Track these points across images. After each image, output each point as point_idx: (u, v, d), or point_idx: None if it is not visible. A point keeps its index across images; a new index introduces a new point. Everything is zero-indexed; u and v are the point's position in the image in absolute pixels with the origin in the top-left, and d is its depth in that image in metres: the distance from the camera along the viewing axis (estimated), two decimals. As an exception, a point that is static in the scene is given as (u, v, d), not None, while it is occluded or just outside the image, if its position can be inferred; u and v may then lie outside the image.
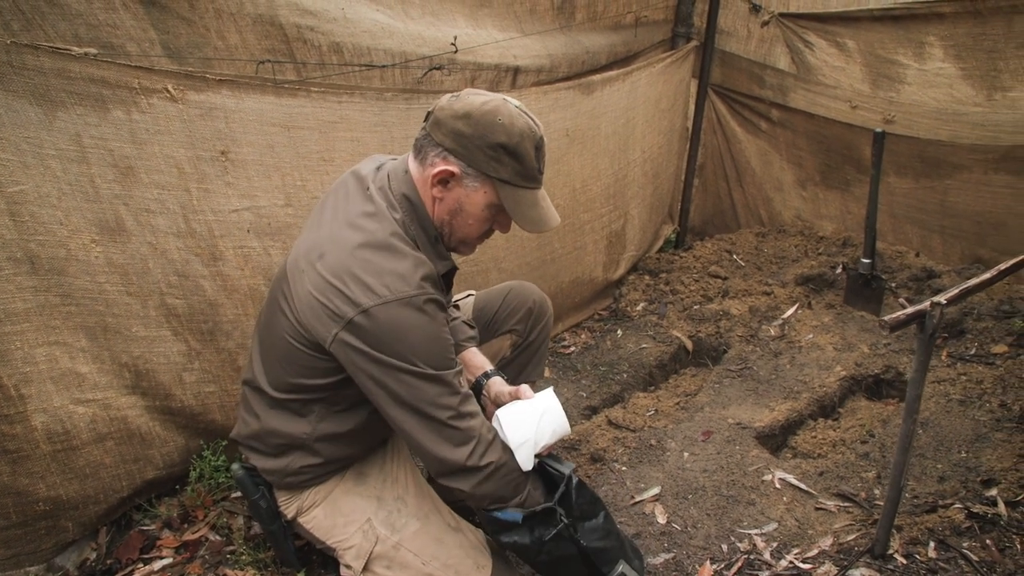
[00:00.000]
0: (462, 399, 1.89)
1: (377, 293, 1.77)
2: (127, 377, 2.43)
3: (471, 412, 1.92)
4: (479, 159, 1.83)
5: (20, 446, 2.22)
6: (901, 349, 3.60)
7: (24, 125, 2.08)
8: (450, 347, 1.89)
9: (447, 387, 1.86)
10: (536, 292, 2.61)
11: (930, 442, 2.95)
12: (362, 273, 1.79)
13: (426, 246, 1.94)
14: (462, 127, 1.81)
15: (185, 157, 2.40)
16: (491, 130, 1.80)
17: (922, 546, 2.42)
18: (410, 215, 1.92)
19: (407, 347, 1.80)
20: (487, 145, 1.81)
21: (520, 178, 1.86)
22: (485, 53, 3.32)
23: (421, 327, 1.81)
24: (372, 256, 1.82)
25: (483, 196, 1.88)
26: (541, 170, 1.90)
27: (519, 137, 1.81)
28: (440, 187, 1.89)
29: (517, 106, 1.86)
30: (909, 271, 4.18)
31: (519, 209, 1.89)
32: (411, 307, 1.79)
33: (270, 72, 2.62)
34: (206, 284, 2.53)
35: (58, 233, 2.20)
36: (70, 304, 2.27)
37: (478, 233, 1.98)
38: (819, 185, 4.74)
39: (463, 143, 1.82)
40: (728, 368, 3.66)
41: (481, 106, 1.82)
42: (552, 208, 1.96)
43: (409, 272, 1.81)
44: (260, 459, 2.16)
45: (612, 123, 4.00)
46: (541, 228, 1.93)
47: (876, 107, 4.21)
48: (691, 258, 4.72)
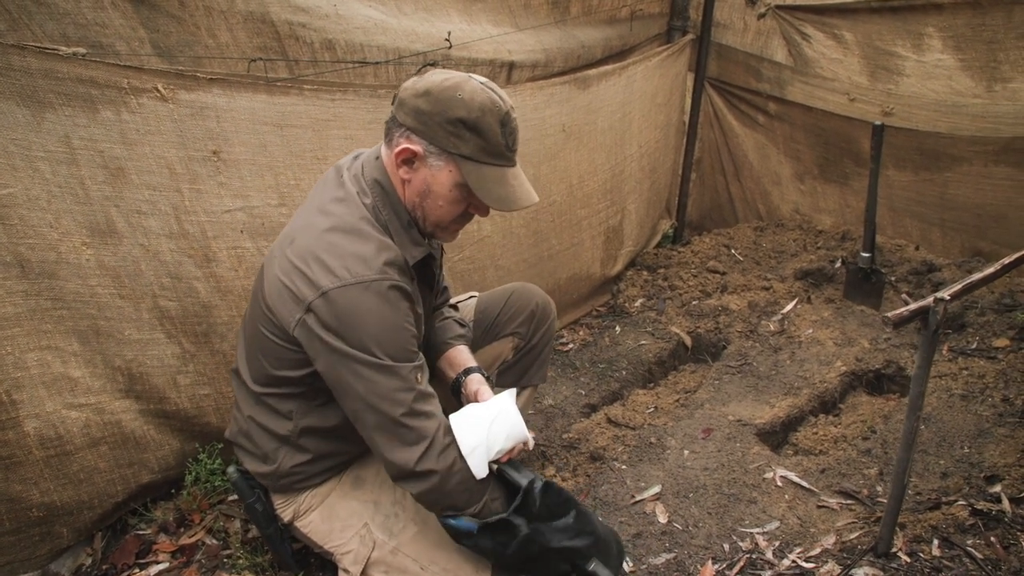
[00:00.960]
0: (417, 396, 1.84)
1: (337, 275, 1.77)
2: (120, 381, 2.41)
3: (426, 412, 1.86)
4: (439, 136, 1.79)
5: (12, 452, 2.19)
6: (902, 344, 3.58)
7: (11, 127, 2.05)
8: (411, 339, 1.86)
9: (402, 381, 1.82)
10: (539, 295, 2.58)
11: (932, 438, 2.93)
12: (325, 256, 1.79)
13: (399, 232, 1.92)
14: (422, 104, 1.79)
15: (176, 157, 2.37)
16: (450, 105, 1.77)
17: (926, 544, 2.40)
18: (382, 200, 1.91)
19: (364, 333, 1.77)
20: (446, 121, 1.77)
21: (484, 154, 1.81)
22: (479, 48, 3.29)
23: (379, 313, 1.78)
24: (337, 239, 1.82)
25: (448, 175, 1.84)
26: (509, 146, 1.85)
27: (479, 111, 1.77)
28: (406, 168, 1.86)
29: (482, 82, 1.83)
30: (909, 265, 4.15)
31: (484, 186, 1.84)
32: (370, 291, 1.77)
33: (262, 70, 2.59)
34: (199, 286, 2.50)
35: (48, 236, 2.17)
36: (61, 308, 2.24)
37: (451, 216, 1.93)
38: (817, 178, 4.72)
39: (423, 120, 1.79)
40: (728, 364, 3.64)
41: (441, 83, 1.79)
42: (526, 186, 1.90)
43: (371, 255, 1.80)
44: (251, 462, 2.14)
45: (608, 118, 3.97)
46: (510, 206, 1.87)
47: (875, 99, 4.19)
48: (689, 253, 4.70)
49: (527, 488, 1.98)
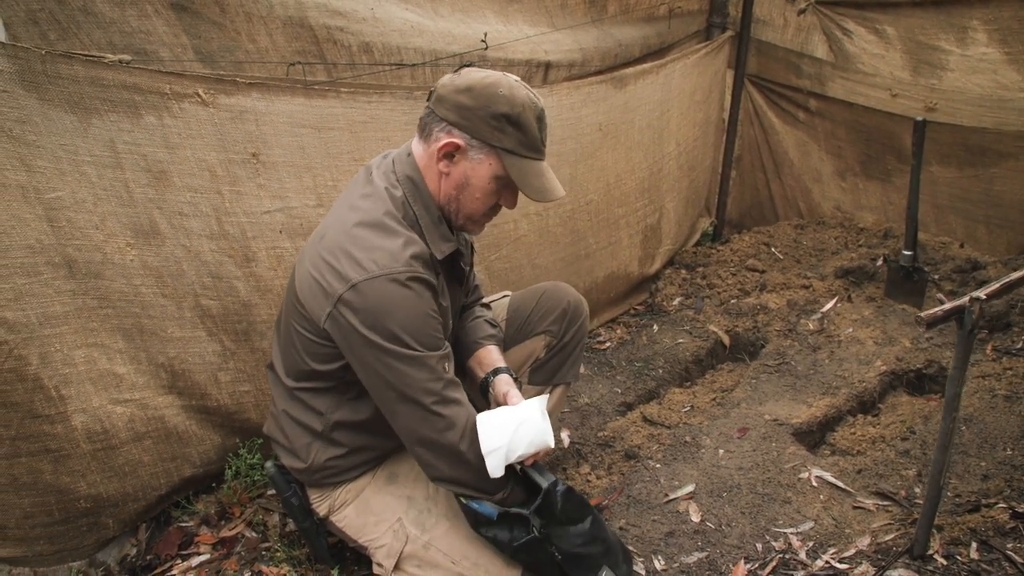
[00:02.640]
0: (446, 384, 1.91)
1: (366, 268, 1.82)
2: (163, 377, 2.48)
3: (455, 399, 1.93)
4: (483, 130, 1.86)
5: (61, 445, 2.27)
6: (944, 343, 3.52)
7: (60, 133, 2.13)
8: (437, 327, 1.92)
9: (430, 371, 1.88)
10: (571, 293, 2.59)
11: (973, 439, 2.88)
12: (353, 249, 1.86)
13: (429, 227, 1.98)
14: (465, 100, 1.85)
15: (217, 160, 2.43)
16: (493, 101, 1.83)
17: (963, 547, 2.37)
18: (413, 195, 1.97)
19: (393, 323, 1.82)
20: (490, 115, 1.84)
21: (524, 148, 1.89)
22: (516, 49, 3.31)
23: (407, 303, 1.84)
24: (364, 233, 1.88)
25: (489, 168, 1.91)
26: (543, 141, 1.94)
27: (520, 107, 1.85)
28: (446, 161, 1.92)
29: (517, 80, 1.91)
30: (953, 263, 4.09)
31: (525, 179, 1.91)
32: (397, 283, 1.83)
33: (300, 73, 2.64)
34: (240, 285, 2.57)
35: (94, 237, 2.24)
36: (107, 307, 2.31)
37: (484, 208, 2.00)
38: (859, 175, 4.66)
39: (466, 115, 1.86)
40: (765, 363, 3.62)
41: (482, 79, 1.87)
42: (555, 180, 1.98)
43: (398, 249, 1.85)
44: (286, 456, 2.20)
45: (646, 116, 3.97)
46: (547, 197, 1.94)
47: (917, 95, 4.12)
48: (728, 251, 4.67)
49: (548, 490, 2.02)
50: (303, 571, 2.41)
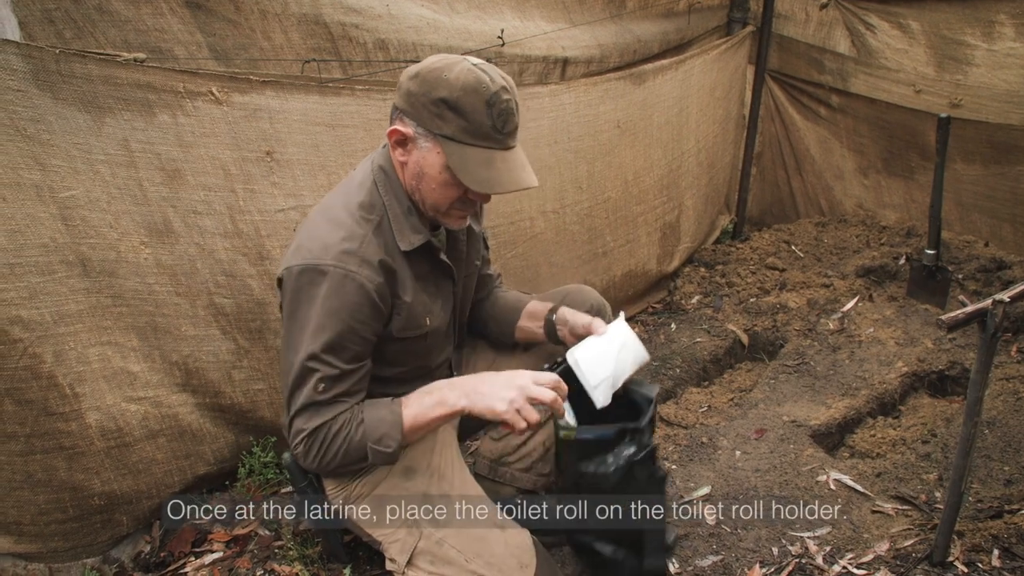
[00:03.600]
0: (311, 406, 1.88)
1: (300, 253, 1.84)
2: (177, 375, 2.49)
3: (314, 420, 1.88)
4: (424, 116, 1.79)
5: (76, 443, 2.28)
6: (968, 344, 3.47)
7: (74, 132, 2.13)
8: (349, 336, 1.86)
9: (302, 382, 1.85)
10: (595, 297, 2.56)
11: (996, 443, 2.84)
12: (302, 233, 1.90)
13: (398, 217, 1.94)
14: (412, 86, 1.79)
15: (231, 158, 2.43)
16: (435, 86, 1.75)
17: (985, 554, 2.33)
18: (384, 186, 1.94)
19: (302, 310, 1.83)
20: (430, 101, 1.77)
21: (467, 135, 1.78)
22: (533, 45, 3.29)
23: (319, 294, 1.82)
24: (316, 219, 1.91)
25: (436, 157, 1.83)
26: (498, 127, 1.79)
27: (461, 91, 1.74)
28: (401, 150, 1.88)
29: (474, 63, 1.79)
30: (977, 262, 4.02)
31: (465, 167, 1.80)
32: (318, 272, 1.82)
33: (315, 71, 2.64)
34: (253, 283, 2.57)
35: (108, 236, 2.25)
36: (121, 305, 2.32)
37: (446, 200, 1.91)
38: (881, 173, 4.60)
39: (412, 101, 1.80)
40: (784, 363, 3.58)
41: (432, 63, 1.79)
42: (517, 170, 1.85)
43: (334, 242, 1.84)
44: None
45: (665, 113, 3.93)
46: (493, 189, 1.84)
47: (942, 91, 4.06)
48: (748, 249, 4.62)
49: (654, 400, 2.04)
50: (316, 570, 2.41)
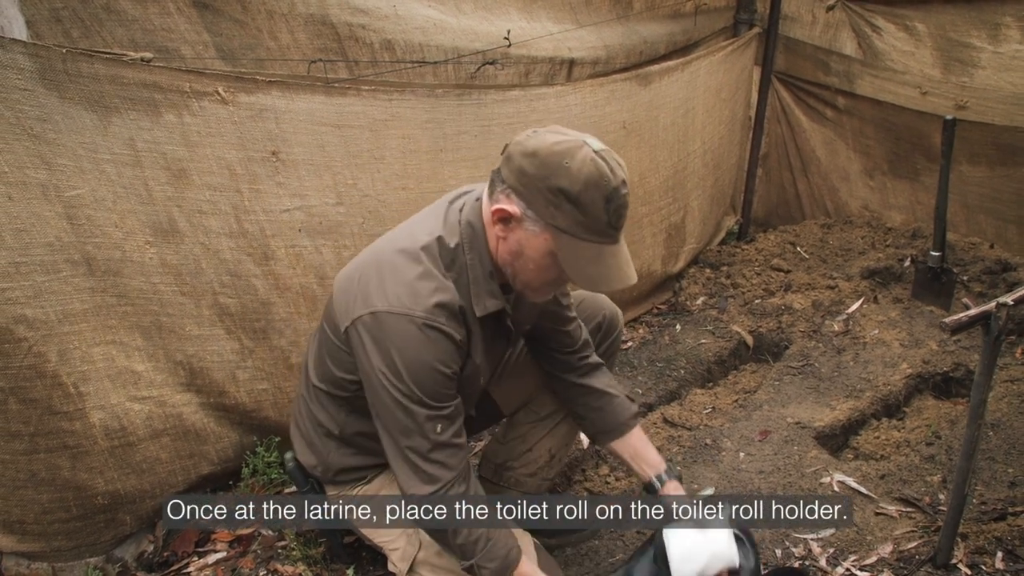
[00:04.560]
0: (434, 446, 1.85)
1: (388, 301, 1.78)
2: (182, 375, 2.49)
3: (440, 461, 1.86)
4: (538, 202, 1.70)
5: (80, 442, 2.28)
6: (972, 346, 3.46)
7: (80, 131, 2.13)
8: (442, 382, 1.84)
9: (415, 424, 1.83)
10: (608, 304, 2.55)
11: (1001, 445, 2.83)
12: (387, 275, 1.81)
13: (478, 279, 1.88)
14: (527, 165, 1.69)
15: (236, 158, 2.43)
16: (555, 172, 1.65)
17: (989, 556, 2.33)
18: (471, 242, 1.87)
19: (399, 359, 1.78)
20: (548, 188, 1.67)
21: (582, 229, 1.69)
22: (539, 46, 3.29)
23: (415, 347, 1.78)
24: (403, 263, 1.82)
25: (543, 242, 1.74)
26: (612, 223, 1.71)
27: (583, 185, 1.64)
28: (502, 225, 1.79)
29: (596, 150, 1.68)
30: (982, 264, 4.01)
31: (575, 263, 1.75)
32: (414, 325, 1.77)
33: (322, 71, 2.64)
34: (258, 283, 2.57)
35: (113, 235, 2.25)
36: (126, 304, 2.32)
37: (541, 281, 1.85)
38: (887, 174, 4.59)
39: (525, 182, 1.70)
40: (789, 365, 3.58)
41: (552, 145, 1.68)
42: (624, 267, 1.78)
43: (425, 294, 1.79)
44: (305, 454, 2.18)
45: (671, 114, 3.92)
46: (599, 287, 1.81)
47: (947, 93, 4.05)
48: (753, 251, 4.62)
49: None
50: (319, 570, 2.41)
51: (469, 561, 1.91)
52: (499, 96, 3.04)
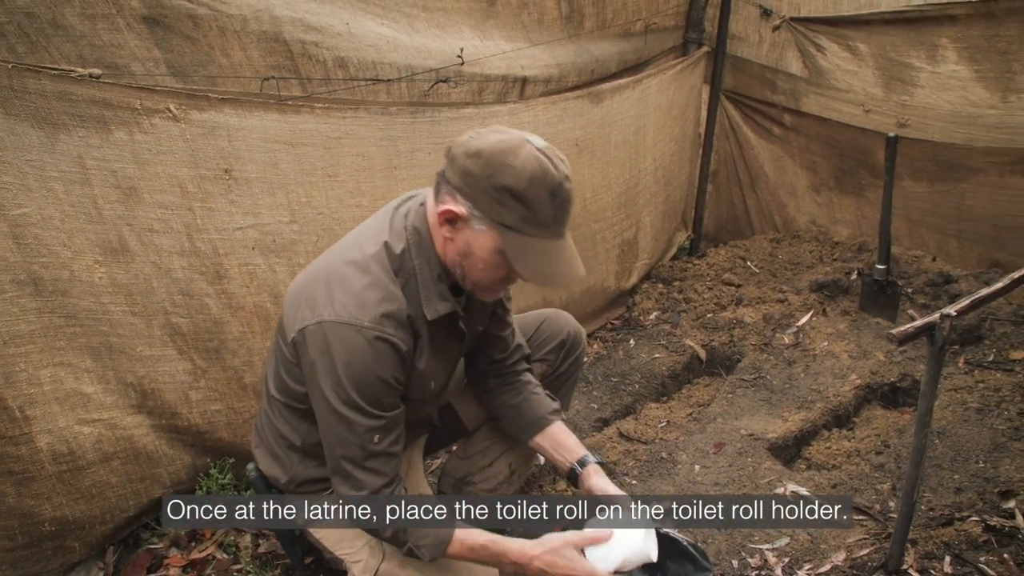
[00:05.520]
0: (368, 455, 1.86)
1: (335, 311, 1.79)
2: (133, 396, 2.44)
3: (373, 468, 1.88)
4: (484, 202, 1.72)
5: (25, 467, 2.22)
6: (918, 356, 3.54)
7: (26, 148, 2.09)
8: (385, 392, 1.85)
9: (354, 435, 1.83)
10: (572, 323, 2.56)
11: (947, 452, 2.90)
12: (334, 286, 1.82)
13: (426, 283, 1.89)
14: (471, 166, 1.71)
15: (188, 176, 2.40)
16: (499, 171, 1.68)
17: (938, 560, 2.38)
18: (417, 247, 1.88)
19: (342, 369, 1.79)
20: (493, 187, 1.69)
21: (528, 225, 1.73)
22: (492, 64, 3.31)
23: (359, 357, 1.79)
24: (351, 274, 1.83)
25: (491, 241, 1.76)
26: (558, 218, 1.76)
27: (527, 181, 1.68)
28: (449, 227, 1.81)
29: (539, 148, 1.73)
30: (926, 276, 4.11)
31: (524, 259, 1.76)
32: (360, 336, 1.78)
33: (275, 88, 2.62)
34: (211, 302, 2.53)
35: (62, 255, 2.21)
36: (74, 325, 2.27)
37: (491, 280, 1.86)
38: (833, 190, 4.69)
39: (470, 182, 1.72)
40: (742, 377, 3.62)
41: (495, 144, 1.71)
42: (571, 261, 1.83)
43: (372, 302, 1.79)
44: (268, 465, 2.15)
45: (623, 131, 3.97)
46: (549, 282, 1.85)
47: (889, 111, 4.16)
48: (705, 265, 4.68)
49: None
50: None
51: (404, 546, 1.92)
52: (453, 114, 3.06)
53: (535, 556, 1.92)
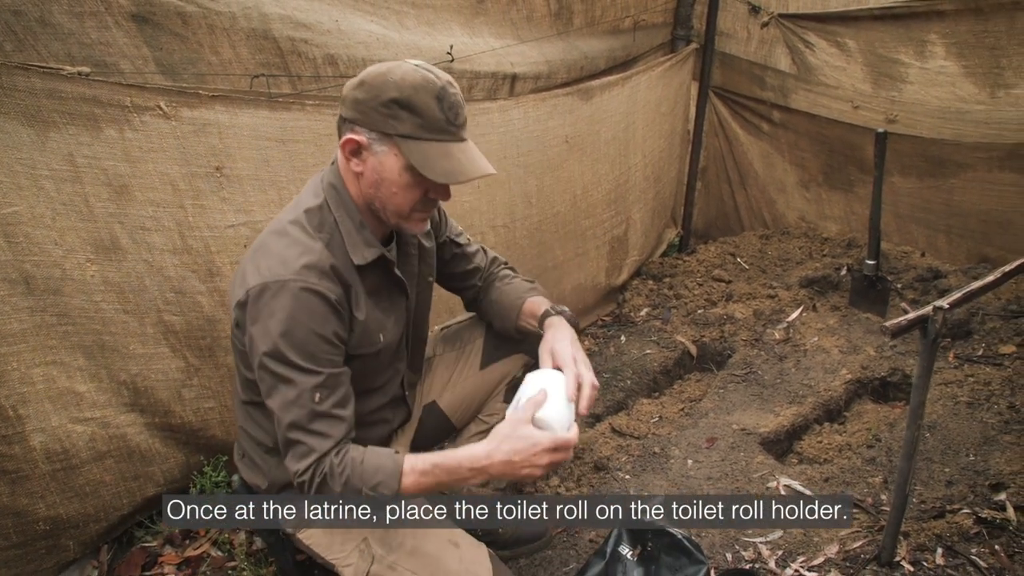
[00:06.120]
0: (311, 415, 1.83)
1: (260, 274, 1.81)
2: (126, 395, 2.43)
3: (318, 431, 1.84)
4: (376, 120, 1.79)
5: (19, 466, 2.22)
6: (908, 351, 3.56)
7: (16, 147, 2.08)
8: (321, 346, 1.84)
9: (297, 394, 1.81)
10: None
11: (937, 445, 2.91)
12: (258, 256, 1.86)
13: (350, 232, 1.93)
14: (359, 94, 1.80)
15: (179, 174, 2.40)
16: (383, 88, 1.77)
17: (930, 553, 2.39)
18: (335, 201, 1.93)
19: (274, 329, 1.79)
20: (381, 104, 1.77)
21: (423, 131, 1.79)
22: (482, 61, 3.31)
23: (289, 312, 1.79)
24: (270, 240, 1.88)
25: (394, 159, 1.83)
26: (451, 120, 1.81)
27: (411, 89, 1.76)
28: (355, 160, 1.87)
29: (416, 64, 1.82)
30: (915, 271, 4.14)
31: (427, 162, 1.81)
32: (285, 291, 1.79)
33: (264, 86, 2.62)
34: (203, 300, 2.53)
35: (53, 253, 2.20)
36: (67, 324, 2.27)
37: (410, 203, 1.90)
38: (822, 186, 4.71)
39: (361, 109, 1.80)
40: (733, 373, 3.64)
41: (375, 70, 1.82)
42: (476, 159, 1.87)
43: (292, 257, 1.82)
44: (249, 473, 2.15)
45: (612, 128, 3.98)
46: (457, 178, 1.84)
47: (878, 107, 4.19)
48: (695, 262, 4.69)
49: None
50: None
51: (361, 495, 1.86)
52: (443, 111, 3.05)
53: (492, 451, 1.86)
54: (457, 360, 2.50)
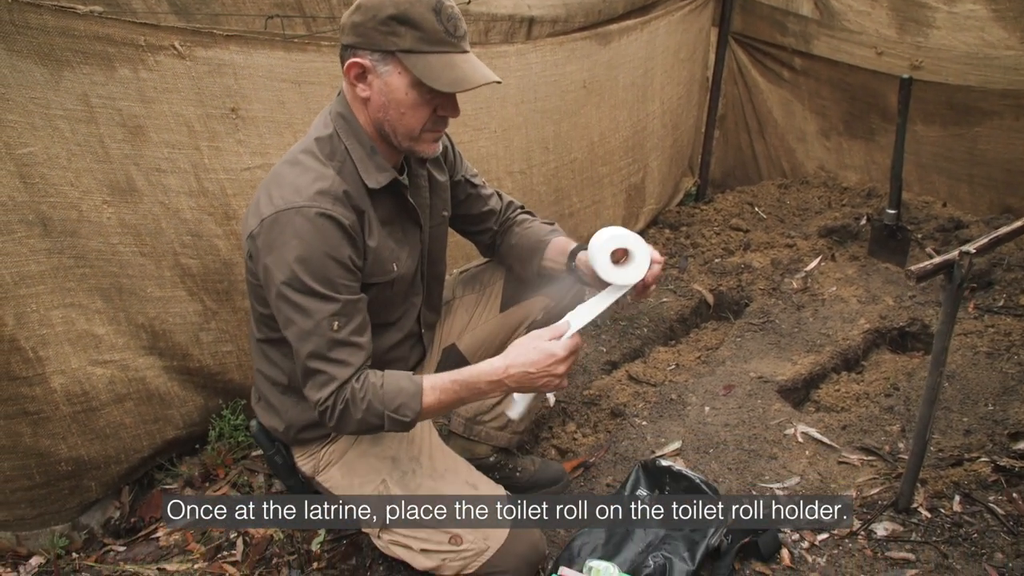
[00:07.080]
0: (331, 343, 1.83)
1: (274, 204, 1.80)
2: (144, 338, 2.44)
3: (338, 359, 1.84)
4: (377, 39, 1.78)
5: (40, 408, 2.23)
6: (927, 301, 3.54)
7: (30, 86, 2.06)
8: (336, 271, 1.84)
9: (314, 324, 1.81)
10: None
11: (956, 395, 2.90)
12: (271, 186, 1.84)
13: (362, 159, 1.92)
14: (356, 19, 1.79)
15: (195, 115, 2.37)
16: (379, 8, 1.76)
17: (947, 500, 2.40)
18: (344, 130, 1.92)
19: (291, 255, 1.78)
20: (379, 23, 1.76)
21: (424, 43, 1.78)
22: (499, 4, 3.25)
23: (304, 236, 1.79)
24: (282, 170, 1.87)
25: (399, 77, 1.81)
26: (450, 31, 1.81)
27: (407, 4, 1.75)
28: (361, 84, 1.85)
29: None
30: (936, 222, 4.09)
31: (432, 73, 1.80)
32: (300, 216, 1.79)
33: (279, 27, 2.57)
34: (220, 243, 2.52)
35: (69, 195, 2.19)
36: (84, 266, 2.26)
37: (420, 122, 1.89)
38: (843, 135, 4.64)
39: (360, 31, 1.79)
40: (750, 322, 3.62)
41: None
42: (481, 68, 1.85)
43: (305, 185, 1.82)
44: (266, 415, 2.14)
45: (630, 74, 3.92)
46: (464, 86, 1.83)
47: (903, 53, 4.10)
48: (712, 211, 4.65)
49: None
50: (289, 531, 2.39)
51: (383, 420, 1.86)
52: (460, 54, 3.00)
53: (509, 364, 1.88)
54: (477, 303, 2.48)
